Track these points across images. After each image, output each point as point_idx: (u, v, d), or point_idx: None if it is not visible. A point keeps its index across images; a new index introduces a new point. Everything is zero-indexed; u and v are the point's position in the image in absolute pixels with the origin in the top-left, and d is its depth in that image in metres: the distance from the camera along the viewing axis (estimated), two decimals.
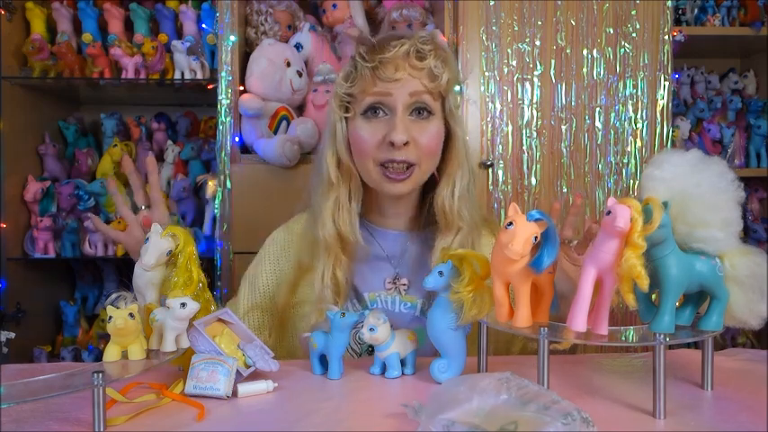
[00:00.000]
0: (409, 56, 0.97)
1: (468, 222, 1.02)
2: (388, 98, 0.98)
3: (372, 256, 1.06)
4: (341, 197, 1.01)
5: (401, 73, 0.97)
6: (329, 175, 1.01)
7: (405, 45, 0.97)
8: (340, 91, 1.01)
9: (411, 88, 0.97)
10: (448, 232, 1.02)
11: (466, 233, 1.02)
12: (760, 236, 2.20)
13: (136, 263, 0.84)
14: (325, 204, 1.01)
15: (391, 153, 0.97)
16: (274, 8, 1.93)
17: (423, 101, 0.99)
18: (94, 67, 2.05)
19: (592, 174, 1.87)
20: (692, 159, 0.74)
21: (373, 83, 0.98)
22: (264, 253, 1.12)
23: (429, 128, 1.00)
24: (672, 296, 0.71)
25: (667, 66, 1.87)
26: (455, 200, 1.01)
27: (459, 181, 1.02)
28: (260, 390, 0.78)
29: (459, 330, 0.80)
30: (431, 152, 1.00)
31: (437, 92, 1.00)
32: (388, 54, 0.96)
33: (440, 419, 0.57)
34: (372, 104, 0.99)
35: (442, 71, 0.98)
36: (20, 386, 0.66)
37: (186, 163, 2.19)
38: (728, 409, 0.71)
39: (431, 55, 0.98)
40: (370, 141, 0.98)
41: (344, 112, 1.01)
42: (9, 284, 1.99)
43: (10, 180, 2.01)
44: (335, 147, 1.02)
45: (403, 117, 0.97)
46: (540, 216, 0.73)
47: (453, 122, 1.03)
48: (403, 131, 0.96)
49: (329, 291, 1.00)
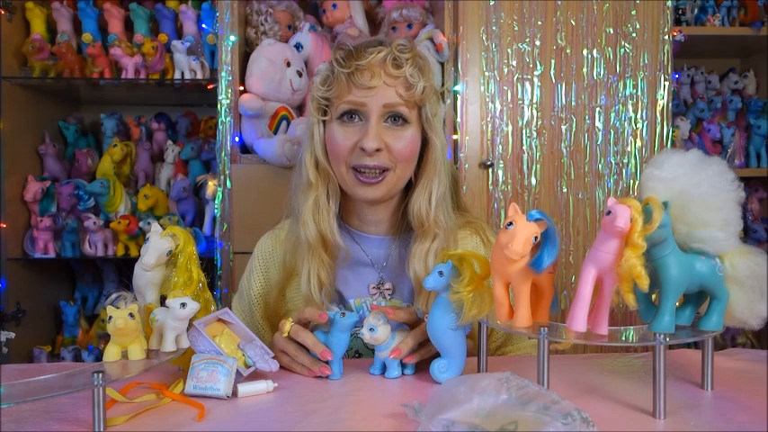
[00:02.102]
0: (386, 63, 0.97)
1: (445, 228, 1.03)
2: (362, 108, 0.99)
3: (356, 261, 1.07)
4: (320, 198, 1.02)
5: (376, 80, 0.97)
6: (308, 175, 1.03)
7: (382, 52, 0.97)
8: (317, 94, 1.02)
9: (385, 99, 0.98)
10: (424, 238, 1.02)
11: (442, 239, 1.02)
12: (760, 236, 2.20)
13: (136, 263, 0.84)
14: (305, 205, 1.02)
15: (363, 159, 0.98)
16: (274, 8, 1.93)
17: (397, 111, 0.99)
18: (94, 67, 2.05)
19: (592, 174, 1.87)
20: (692, 159, 0.74)
21: (349, 89, 0.98)
22: (253, 263, 1.13)
23: (404, 134, 1.00)
24: (672, 296, 0.71)
25: (667, 66, 1.87)
26: (432, 207, 1.02)
27: (436, 188, 1.02)
28: (260, 390, 0.78)
29: (459, 330, 0.80)
30: (405, 158, 1.00)
31: (412, 101, 1.00)
32: (364, 61, 0.97)
33: (440, 419, 0.57)
34: (347, 111, 1.00)
35: (418, 80, 0.98)
36: (20, 386, 0.66)
37: (186, 163, 2.19)
38: (728, 409, 0.71)
39: (407, 63, 0.98)
40: (343, 146, 0.99)
41: (322, 115, 1.03)
42: (9, 284, 1.99)
43: (10, 180, 2.01)
44: (313, 148, 1.03)
45: (376, 124, 0.98)
46: (540, 216, 0.73)
47: (430, 131, 1.03)
48: (374, 138, 0.97)
49: (316, 290, 1.00)
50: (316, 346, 0.84)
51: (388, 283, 1.07)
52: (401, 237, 1.08)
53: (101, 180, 2.05)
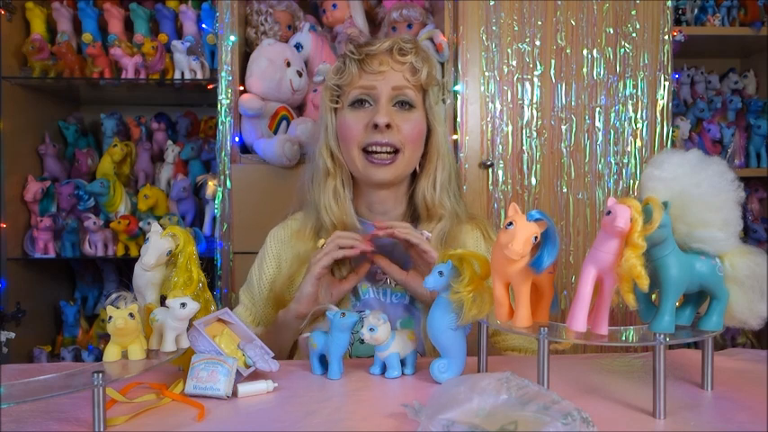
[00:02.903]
0: (392, 52, 1.08)
1: (450, 211, 1.10)
2: (372, 91, 1.07)
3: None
4: (338, 185, 1.10)
5: (385, 66, 1.08)
6: (325, 165, 1.11)
7: (388, 42, 1.09)
8: (330, 83, 1.12)
9: (394, 82, 1.08)
10: (429, 221, 1.10)
11: (447, 221, 1.09)
12: (760, 236, 2.20)
13: (136, 263, 0.84)
14: (324, 193, 1.10)
15: (375, 136, 1.06)
16: (274, 8, 1.93)
17: (405, 94, 1.09)
18: (94, 67, 2.05)
19: (592, 174, 1.87)
20: (692, 159, 0.74)
21: (360, 75, 1.08)
22: (266, 251, 1.17)
23: (412, 117, 1.09)
24: (672, 296, 0.71)
25: (667, 66, 1.87)
26: (436, 191, 1.10)
27: (440, 173, 1.11)
28: (260, 390, 0.78)
29: (459, 330, 0.80)
30: (413, 139, 1.09)
31: (418, 84, 1.10)
32: (373, 47, 1.08)
33: (440, 419, 0.57)
34: (359, 96, 1.08)
35: (422, 66, 1.09)
36: (20, 386, 0.66)
37: (186, 163, 2.19)
38: (728, 409, 0.71)
39: (411, 52, 1.09)
40: (355, 128, 1.07)
41: (334, 103, 1.11)
42: (9, 284, 1.99)
43: (10, 180, 2.01)
44: (327, 138, 1.12)
45: (386, 105, 1.07)
46: (540, 216, 0.73)
47: (432, 118, 1.13)
48: (385, 115, 1.05)
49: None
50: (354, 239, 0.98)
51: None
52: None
53: (101, 180, 2.05)
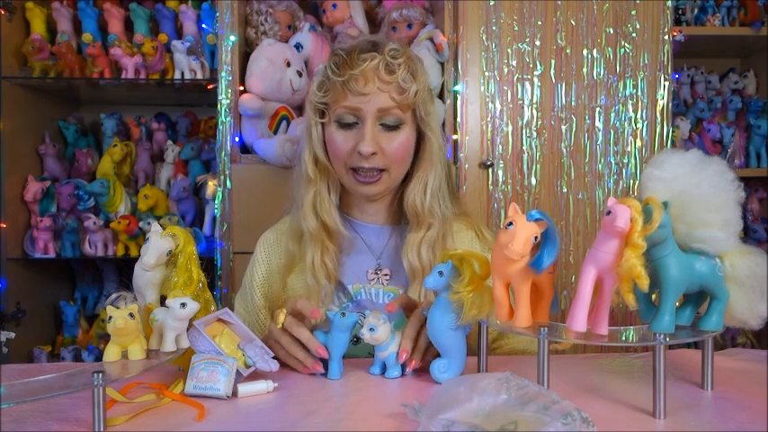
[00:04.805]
0: (378, 70, 1.01)
1: (440, 218, 1.08)
2: (358, 112, 1.03)
3: (355, 249, 1.12)
4: (320, 191, 1.08)
5: (370, 86, 1.01)
6: (307, 171, 1.08)
7: (375, 59, 1.01)
8: (314, 99, 1.06)
9: (379, 104, 1.02)
10: (419, 228, 1.07)
11: (437, 229, 1.07)
12: (760, 236, 2.20)
13: (136, 263, 0.84)
14: (306, 198, 1.08)
15: (360, 161, 1.03)
16: (274, 8, 1.93)
17: (391, 114, 1.03)
18: (94, 67, 2.05)
19: (592, 174, 1.87)
20: (692, 159, 0.74)
21: (344, 95, 1.02)
22: (256, 257, 1.17)
23: (398, 137, 1.04)
24: (672, 296, 0.71)
25: (667, 66, 1.87)
26: (426, 198, 1.07)
27: (432, 181, 1.08)
28: (260, 390, 0.78)
29: (459, 330, 0.80)
30: (398, 160, 1.06)
31: (405, 104, 1.03)
32: (357, 70, 1.00)
33: (440, 419, 0.57)
34: (344, 117, 1.04)
35: (411, 84, 1.02)
36: (20, 386, 0.66)
37: (186, 163, 2.19)
38: (728, 409, 0.71)
39: (400, 68, 1.01)
40: (343, 149, 1.04)
41: (320, 117, 1.07)
42: (9, 284, 1.98)
43: (10, 180, 2.00)
44: (312, 147, 1.08)
45: (372, 128, 1.02)
46: (540, 216, 0.73)
47: (425, 128, 1.08)
48: (370, 143, 1.01)
49: (322, 277, 1.05)
50: (310, 341, 0.85)
51: (386, 268, 1.11)
52: (399, 226, 1.13)
53: (101, 180, 2.05)
